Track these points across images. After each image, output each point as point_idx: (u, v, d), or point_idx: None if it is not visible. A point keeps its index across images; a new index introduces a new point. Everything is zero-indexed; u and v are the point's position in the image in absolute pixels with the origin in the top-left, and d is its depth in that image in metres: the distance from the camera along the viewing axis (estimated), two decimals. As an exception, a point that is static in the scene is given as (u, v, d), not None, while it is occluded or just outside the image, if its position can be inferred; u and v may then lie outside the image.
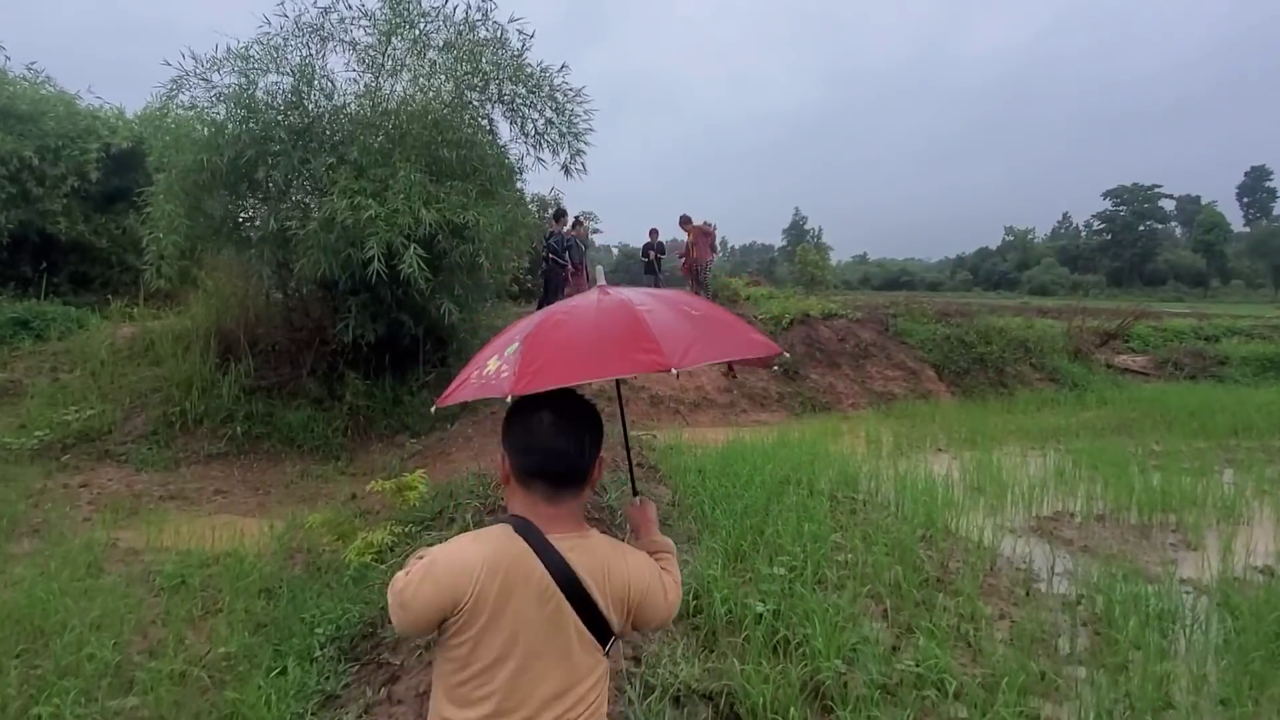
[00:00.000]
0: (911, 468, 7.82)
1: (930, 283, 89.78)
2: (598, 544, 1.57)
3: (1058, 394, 13.59)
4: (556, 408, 1.56)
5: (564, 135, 10.54)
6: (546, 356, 1.57)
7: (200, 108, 8.22)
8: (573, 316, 1.76)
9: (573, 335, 1.68)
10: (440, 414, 9.56)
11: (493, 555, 1.47)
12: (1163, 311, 25.46)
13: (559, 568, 1.48)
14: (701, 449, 8.74)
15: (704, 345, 1.66)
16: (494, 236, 8.78)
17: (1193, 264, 79.94)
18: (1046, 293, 67.72)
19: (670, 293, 2.08)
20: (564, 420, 1.56)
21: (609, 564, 1.55)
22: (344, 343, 8.89)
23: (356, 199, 7.55)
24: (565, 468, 1.55)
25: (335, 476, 8.41)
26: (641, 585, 1.59)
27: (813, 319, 14.58)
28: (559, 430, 1.54)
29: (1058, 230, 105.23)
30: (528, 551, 1.48)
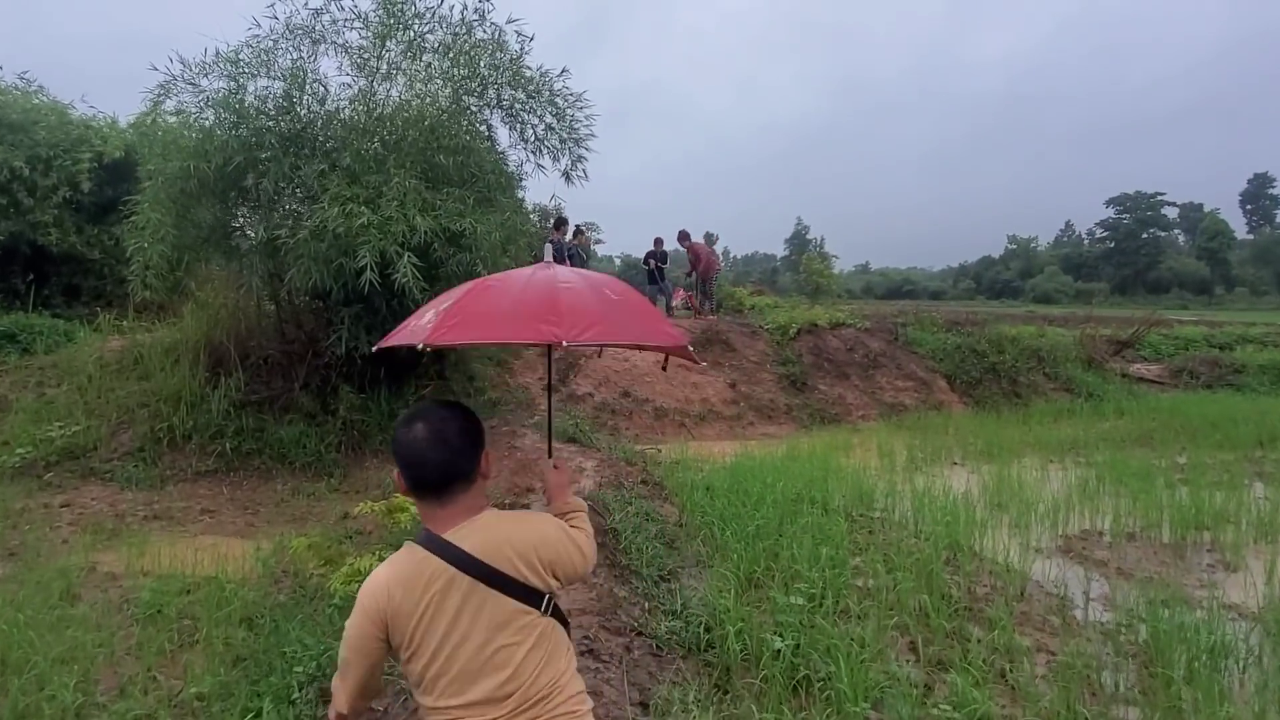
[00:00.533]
0: (929, 483, 7.53)
1: (933, 291, 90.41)
2: (490, 521, 1.73)
3: (1073, 404, 13.28)
4: (429, 422, 1.76)
5: (564, 141, 10.28)
6: (464, 315, 1.84)
7: (187, 113, 7.98)
8: (501, 284, 2.00)
9: (493, 301, 1.91)
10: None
11: (399, 572, 1.68)
12: (1174, 319, 25.18)
13: (457, 558, 1.65)
14: (708, 464, 8.47)
15: (605, 327, 1.89)
16: (492, 245, 8.50)
17: (1196, 271, 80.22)
18: (1050, 301, 68.73)
19: (602, 277, 2.23)
20: (435, 433, 1.73)
21: (508, 535, 1.72)
22: (337, 355, 8.61)
23: (349, 206, 7.30)
24: (440, 476, 1.72)
25: (327, 494, 8.12)
26: (546, 544, 1.76)
27: (820, 329, 14.29)
28: (430, 444, 1.72)
29: (1060, 238, 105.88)
30: (429, 556, 1.67)
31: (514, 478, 6.98)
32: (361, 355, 8.66)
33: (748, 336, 13.87)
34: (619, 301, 2.03)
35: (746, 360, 13.04)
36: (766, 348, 13.62)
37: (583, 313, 1.88)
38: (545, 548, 1.76)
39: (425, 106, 9.53)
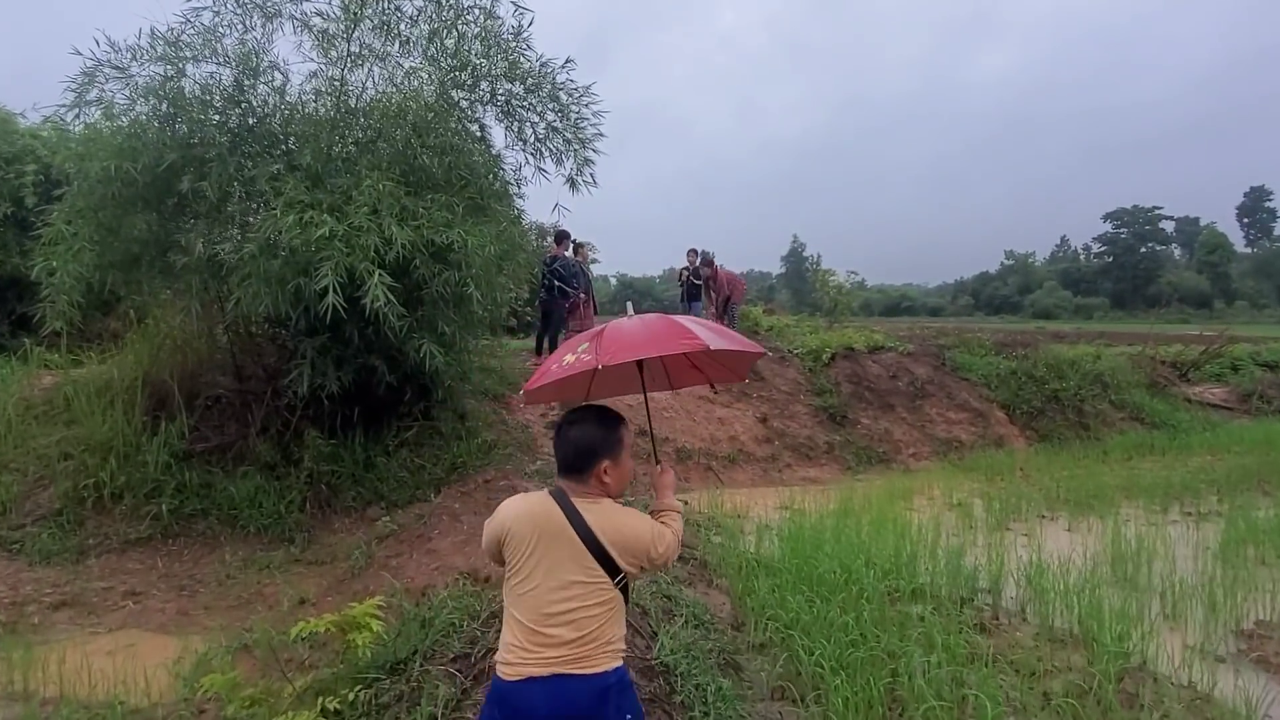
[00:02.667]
0: (1025, 548, 6.23)
1: (931, 308, 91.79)
2: (606, 507, 2.32)
3: (1149, 436, 11.98)
4: (573, 421, 2.41)
5: (569, 143, 9.08)
6: (619, 344, 2.42)
7: (113, 104, 6.72)
8: (625, 324, 2.60)
9: (632, 332, 2.52)
10: (423, 482, 8.00)
11: (525, 508, 2.34)
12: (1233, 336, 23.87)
13: (575, 518, 2.26)
14: (748, 519, 7.18)
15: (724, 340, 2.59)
16: (485, 260, 7.27)
17: (1196, 285, 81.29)
18: (1050, 316, 70.06)
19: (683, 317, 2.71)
20: (574, 430, 2.38)
21: (612, 520, 2.29)
22: (302, 394, 7.32)
23: (307, 214, 6.05)
24: (576, 459, 2.34)
25: (286, 566, 6.81)
26: (634, 534, 2.30)
27: (857, 353, 13.02)
28: (571, 437, 2.37)
29: (1056, 254, 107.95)
30: (555, 508, 2.29)
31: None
32: (329, 395, 7.37)
33: (776, 363, 12.60)
34: (712, 326, 2.73)
35: (778, 391, 11.75)
36: (799, 376, 12.34)
37: (704, 332, 2.49)
38: (638, 542, 2.30)
39: (407, 101, 8.33)
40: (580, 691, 2.18)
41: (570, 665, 2.17)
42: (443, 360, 7.49)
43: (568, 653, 2.17)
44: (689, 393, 11.14)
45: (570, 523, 2.23)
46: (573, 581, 2.20)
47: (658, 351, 2.53)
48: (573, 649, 2.17)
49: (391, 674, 3.49)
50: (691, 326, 2.48)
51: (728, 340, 2.62)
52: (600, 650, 2.21)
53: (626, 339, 2.45)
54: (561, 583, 2.20)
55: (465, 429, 8.98)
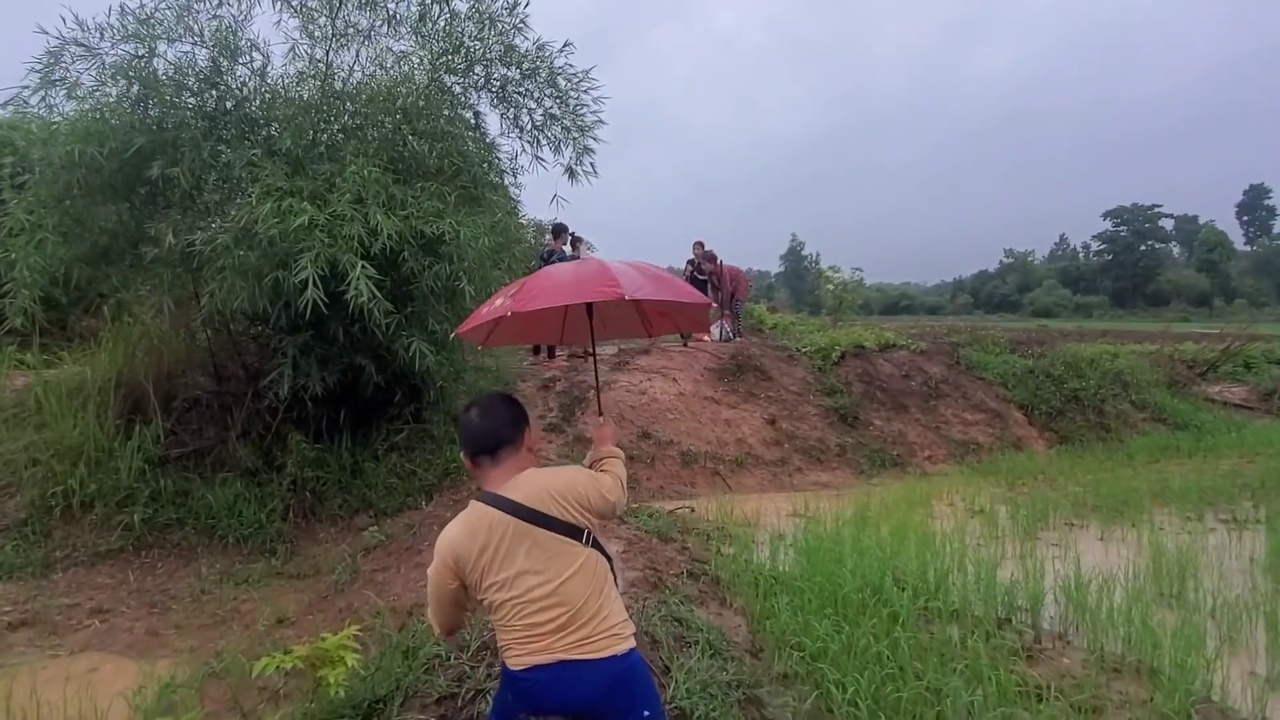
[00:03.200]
0: (1061, 559, 5.85)
1: (930, 306, 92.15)
2: (530, 475, 2.27)
3: (1173, 438, 11.57)
4: (480, 404, 2.40)
5: (567, 130, 8.68)
6: (537, 289, 2.49)
7: (76, 82, 6.30)
8: (557, 269, 2.71)
9: (557, 277, 2.59)
10: (413, 488, 7.60)
11: (465, 526, 2.23)
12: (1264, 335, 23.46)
13: (508, 506, 2.19)
14: (759, 528, 6.78)
15: (653, 288, 2.52)
16: (479, 253, 6.87)
17: (1195, 283, 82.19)
18: (1049, 315, 70.43)
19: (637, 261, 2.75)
20: (483, 411, 2.36)
21: (545, 484, 2.25)
22: (284, 396, 6.92)
23: (286, 201, 5.64)
24: (491, 441, 2.31)
25: (266, 580, 6.42)
26: (575, 487, 2.27)
27: (868, 351, 12.61)
28: (480, 419, 2.34)
29: (1055, 252, 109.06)
30: (487, 509, 2.21)
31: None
32: (313, 396, 6.97)
33: (784, 362, 12.20)
34: (656, 274, 2.66)
35: (786, 390, 11.35)
36: (807, 375, 11.94)
37: (633, 278, 2.44)
38: (574, 490, 2.27)
39: (396, 86, 7.94)
40: (587, 679, 2.12)
41: (574, 651, 2.13)
42: (434, 359, 7.09)
43: (573, 639, 2.13)
44: (694, 393, 10.75)
45: (505, 512, 2.18)
46: (543, 563, 2.17)
47: (571, 299, 2.58)
48: (575, 633, 2.14)
49: (368, 717, 3.09)
50: (619, 274, 2.43)
51: (654, 289, 2.54)
52: (602, 633, 2.16)
53: (547, 285, 2.53)
54: (538, 569, 2.16)
55: (458, 430, 8.58)
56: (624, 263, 2.62)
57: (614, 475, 2.46)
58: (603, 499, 2.32)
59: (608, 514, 2.39)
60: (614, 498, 2.37)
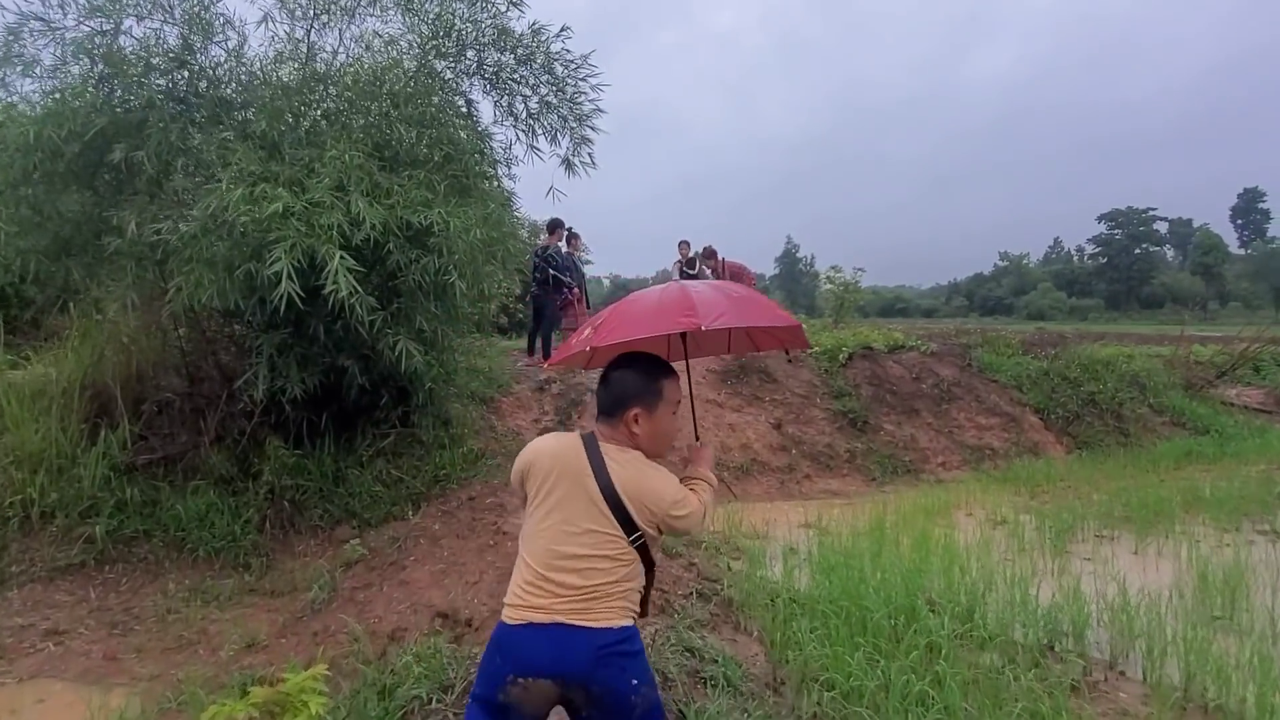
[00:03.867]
0: (1098, 575, 5.47)
1: (926, 309, 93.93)
2: (634, 459, 2.25)
3: (1196, 443, 11.18)
4: (618, 363, 2.40)
5: (564, 119, 8.28)
6: (617, 322, 2.46)
7: (33, 58, 5.87)
8: (642, 296, 2.61)
9: (638, 307, 2.52)
10: (400, 496, 7.18)
11: (553, 447, 2.31)
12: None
13: (597, 464, 2.21)
14: (775, 547, 6.38)
15: (733, 316, 2.42)
16: (470, 246, 6.44)
17: (1190, 286, 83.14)
18: (1044, 318, 71.46)
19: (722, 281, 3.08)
20: (617, 372, 2.36)
21: (637, 474, 2.22)
22: (259, 399, 6.50)
23: (260, 187, 5.22)
24: (609, 402, 2.32)
25: (238, 597, 6.00)
26: (658, 495, 2.21)
27: (877, 353, 12.21)
28: (613, 379, 2.34)
29: (1050, 255, 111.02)
30: (581, 450, 2.24)
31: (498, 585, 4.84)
32: (292, 399, 6.55)
33: (788, 363, 11.79)
34: (741, 297, 2.56)
35: (791, 393, 10.95)
36: (813, 377, 11.54)
37: (711, 306, 2.37)
38: (655, 497, 2.21)
39: (384, 70, 7.53)
40: (579, 644, 2.10)
41: (572, 615, 2.11)
42: (422, 360, 6.68)
43: (572, 603, 2.12)
44: (696, 396, 10.32)
45: (591, 467, 2.19)
46: (587, 529, 2.17)
47: (649, 333, 2.47)
48: (577, 599, 2.12)
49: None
50: (699, 302, 2.38)
51: (734, 316, 2.44)
52: (605, 605, 2.15)
53: (628, 317, 2.48)
54: (575, 527, 2.17)
55: (449, 436, 8.16)
56: (710, 285, 2.62)
57: (702, 501, 2.38)
58: (678, 522, 2.26)
59: (677, 534, 2.46)
60: (691, 524, 2.32)
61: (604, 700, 2.11)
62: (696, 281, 2.66)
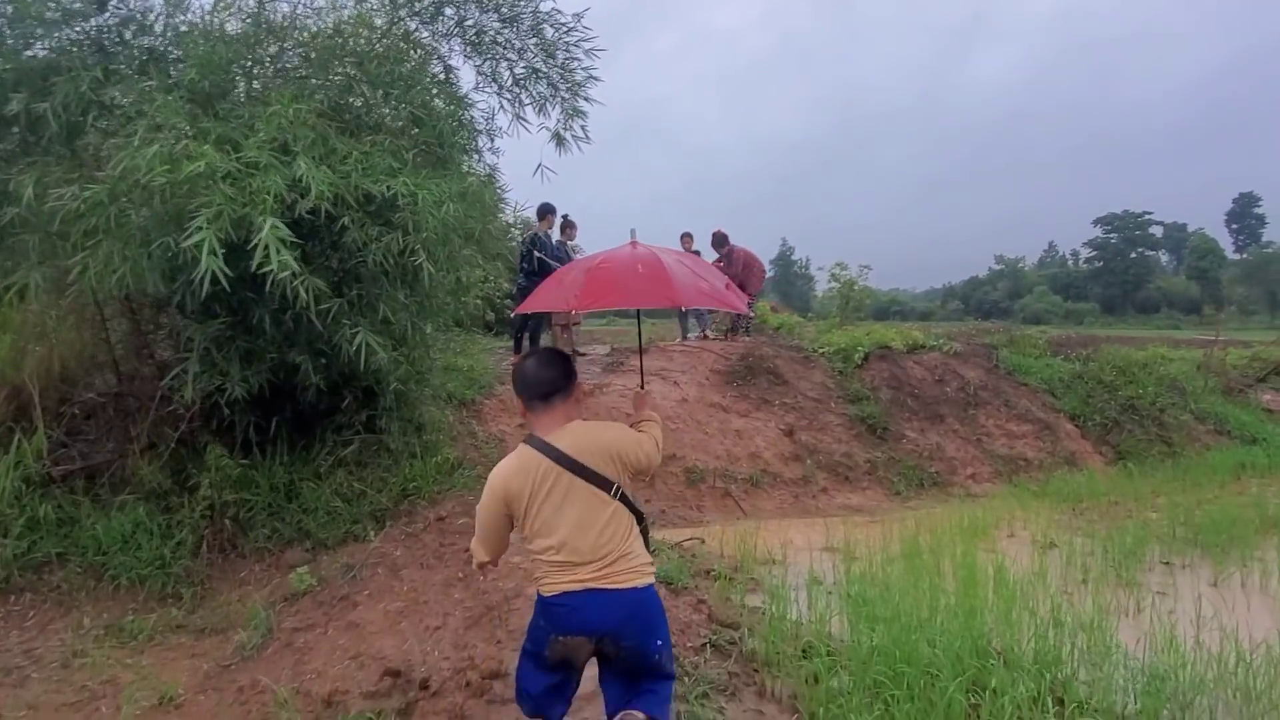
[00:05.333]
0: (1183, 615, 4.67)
1: (921, 312, 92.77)
2: (577, 428, 2.62)
3: (1246, 453, 10.39)
4: (535, 357, 2.79)
5: (555, 88, 7.46)
6: (600, 288, 2.76)
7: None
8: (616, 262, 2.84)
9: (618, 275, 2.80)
10: (361, 513, 6.34)
11: (516, 465, 2.60)
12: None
13: (553, 454, 2.54)
14: (797, 576, 5.56)
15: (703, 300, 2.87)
16: (442, 224, 5.60)
17: (1186, 291, 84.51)
18: (1040, 321, 71.57)
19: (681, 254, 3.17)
20: (541, 364, 2.72)
21: (588, 437, 2.60)
22: (190, 400, 5.65)
23: (181, 143, 4.38)
24: (548, 388, 2.64)
25: (164, 635, 5.16)
26: (613, 442, 2.63)
27: (895, 353, 11.39)
28: (538, 368, 2.68)
29: (1045, 259, 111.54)
30: (536, 454, 2.56)
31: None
32: (231, 401, 5.70)
33: (799, 364, 10.98)
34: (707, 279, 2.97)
35: (804, 397, 10.12)
36: (826, 379, 10.72)
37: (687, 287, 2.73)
38: (617, 446, 2.62)
39: (349, 27, 6.72)
40: (611, 604, 2.49)
41: (602, 581, 2.50)
42: (387, 356, 5.85)
43: (599, 571, 2.50)
44: (699, 399, 9.53)
45: (553, 460, 2.54)
46: (584, 506, 2.53)
47: (633, 304, 2.98)
48: (602, 567, 2.51)
49: None
50: (675, 278, 2.72)
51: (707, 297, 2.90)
52: (628, 567, 2.53)
53: (609, 285, 2.80)
54: (571, 512, 2.53)
55: (422, 444, 7.30)
56: (678, 262, 2.87)
57: (651, 436, 2.79)
58: (638, 458, 2.65)
59: (643, 471, 2.75)
60: (649, 458, 2.71)
61: (632, 650, 2.54)
62: (663, 252, 2.87)
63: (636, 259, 2.76)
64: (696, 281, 2.78)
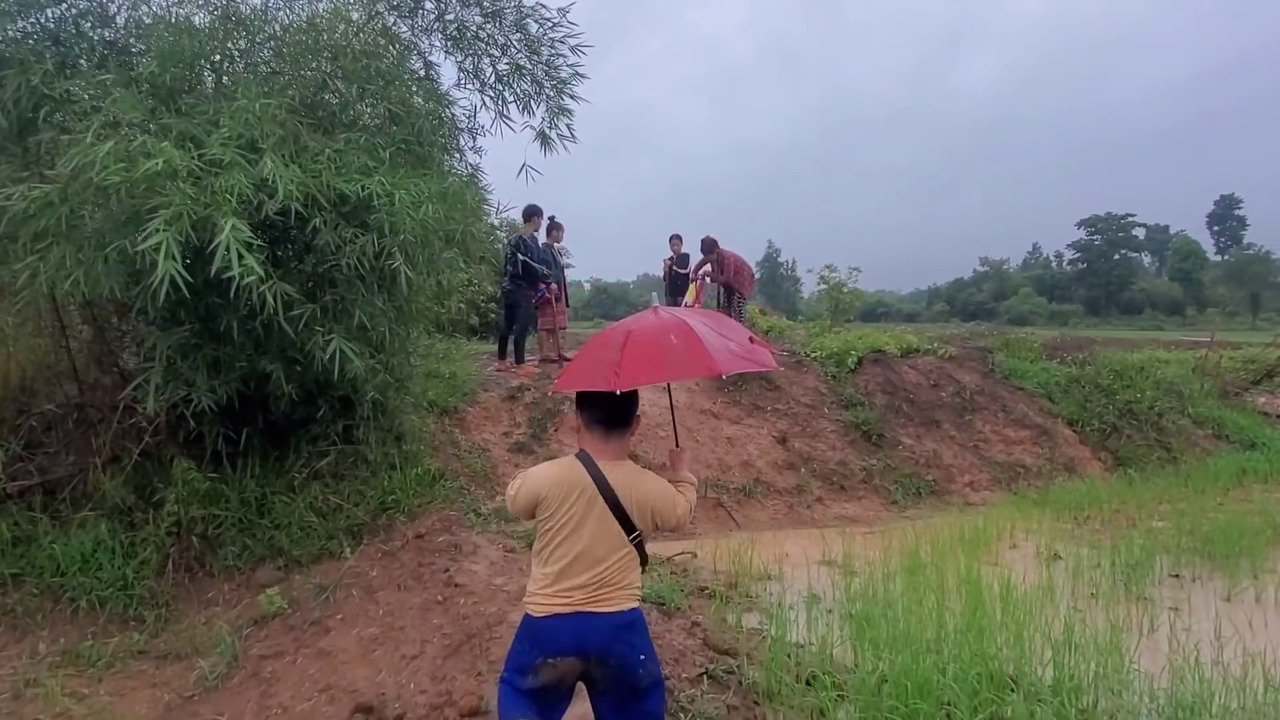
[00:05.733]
0: (1199, 632, 4.47)
1: (907, 314, 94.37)
2: (629, 469, 2.66)
3: (1247, 459, 10.24)
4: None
5: (539, 85, 7.23)
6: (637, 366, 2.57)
7: None
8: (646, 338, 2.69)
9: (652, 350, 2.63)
10: (337, 528, 6.08)
11: (559, 474, 2.62)
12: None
13: (601, 482, 2.57)
14: (793, 593, 5.34)
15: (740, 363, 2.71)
16: (421, 225, 5.35)
17: (1168, 292, 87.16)
18: (1025, 323, 72.21)
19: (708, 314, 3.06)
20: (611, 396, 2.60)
21: (634, 483, 2.62)
22: (153, 412, 5.37)
23: (139, 140, 4.12)
24: (617, 418, 2.66)
25: (124, 661, 4.88)
26: (654, 498, 2.64)
27: (889, 357, 11.18)
28: (615, 397, 2.56)
29: (1029, 260, 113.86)
30: (584, 472, 2.59)
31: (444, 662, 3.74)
32: (197, 413, 5.42)
33: (792, 369, 10.76)
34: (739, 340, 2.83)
35: (796, 402, 9.90)
36: (819, 384, 10.50)
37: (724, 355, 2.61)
38: (655, 500, 2.64)
39: (323, 20, 6.47)
40: (599, 626, 2.55)
41: (591, 604, 2.54)
42: (363, 364, 5.58)
43: (590, 595, 2.55)
44: (689, 405, 9.29)
45: (596, 485, 2.58)
46: (599, 536, 2.57)
47: (673, 377, 2.93)
48: (593, 591, 2.55)
49: None
50: (708, 344, 2.60)
51: (741, 360, 2.76)
52: (618, 592, 2.59)
53: (646, 360, 2.62)
54: (589, 537, 2.57)
55: (401, 455, 7.03)
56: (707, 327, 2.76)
57: (689, 500, 2.80)
58: (668, 518, 2.69)
59: (670, 530, 2.85)
60: (680, 521, 2.74)
61: (619, 672, 2.55)
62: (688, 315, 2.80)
63: (666, 329, 2.69)
64: (726, 343, 2.72)
